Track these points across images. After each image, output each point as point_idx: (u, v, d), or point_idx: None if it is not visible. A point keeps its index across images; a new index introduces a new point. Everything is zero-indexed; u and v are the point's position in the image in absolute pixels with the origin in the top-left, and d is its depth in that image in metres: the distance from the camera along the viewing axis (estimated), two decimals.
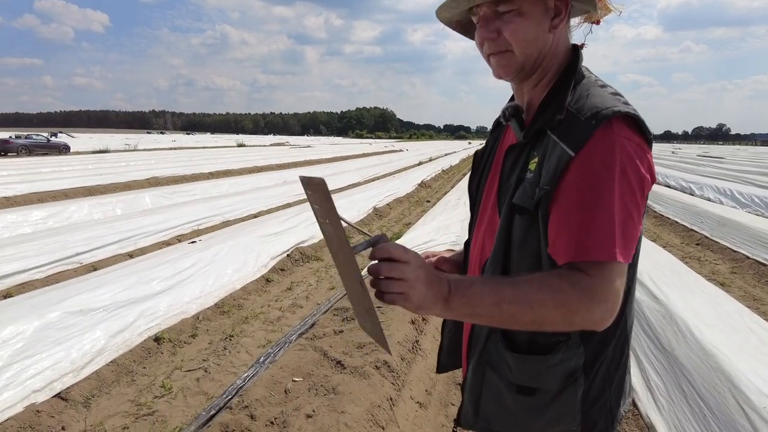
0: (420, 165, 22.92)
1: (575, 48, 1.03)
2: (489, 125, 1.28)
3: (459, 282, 0.82)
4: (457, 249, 1.31)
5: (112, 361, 3.36)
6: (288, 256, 6.20)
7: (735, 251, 6.60)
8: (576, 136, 0.86)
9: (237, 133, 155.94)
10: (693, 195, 12.13)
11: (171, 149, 33.63)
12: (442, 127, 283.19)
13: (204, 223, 8.06)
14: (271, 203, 10.24)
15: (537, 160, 0.93)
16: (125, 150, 30.44)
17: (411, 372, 3.19)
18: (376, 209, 9.82)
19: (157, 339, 3.78)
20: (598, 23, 1.05)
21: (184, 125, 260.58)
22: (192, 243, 5.94)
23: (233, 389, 2.85)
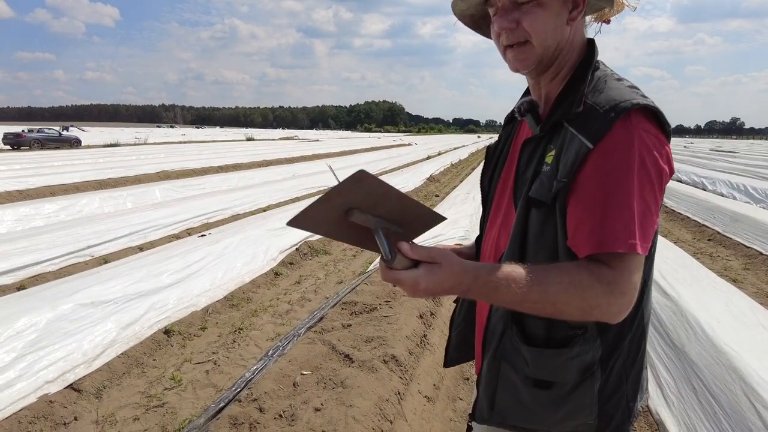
0: (429, 159, 22.86)
1: (591, 42, 1.02)
2: (499, 119, 1.29)
3: (483, 283, 0.83)
4: (466, 243, 1.30)
5: (123, 353, 3.40)
6: (297, 249, 6.22)
7: (748, 247, 6.51)
8: (595, 128, 0.86)
9: (246, 127, 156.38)
10: (705, 190, 11.99)
11: (181, 143, 33.85)
12: (451, 121, 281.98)
13: (213, 217, 8.11)
14: (280, 197, 10.27)
15: (554, 153, 0.93)
16: (135, 144, 30.66)
17: (419, 366, 3.19)
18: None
19: (167, 331, 3.82)
20: (608, 22, 1.05)
21: (193, 119, 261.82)
22: (202, 236, 5.98)
23: (242, 382, 2.87)
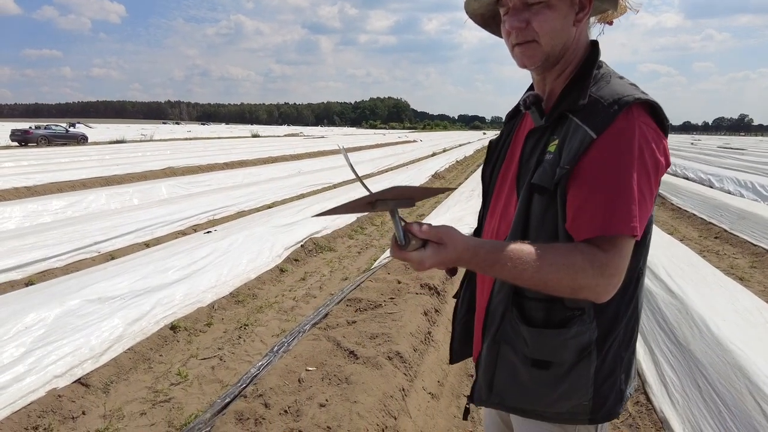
0: (434, 156, 22.82)
1: (594, 43, 1.09)
2: (504, 115, 1.30)
3: (481, 260, 0.90)
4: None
5: (129, 349, 3.43)
6: (302, 246, 6.24)
7: (755, 245, 6.47)
8: (598, 119, 0.92)
9: (251, 124, 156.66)
10: (712, 187, 11.90)
11: (186, 140, 33.95)
12: (456, 118, 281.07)
13: (219, 213, 8.15)
14: (285, 194, 10.30)
15: (557, 142, 0.98)
16: (141, 140, 30.79)
17: (423, 363, 3.20)
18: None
19: (174, 327, 3.85)
20: (611, 24, 1.11)
21: (199, 115, 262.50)
22: (207, 233, 6.01)
23: (248, 378, 2.89)
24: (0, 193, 9.22)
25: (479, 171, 1.42)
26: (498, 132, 1.35)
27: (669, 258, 4.65)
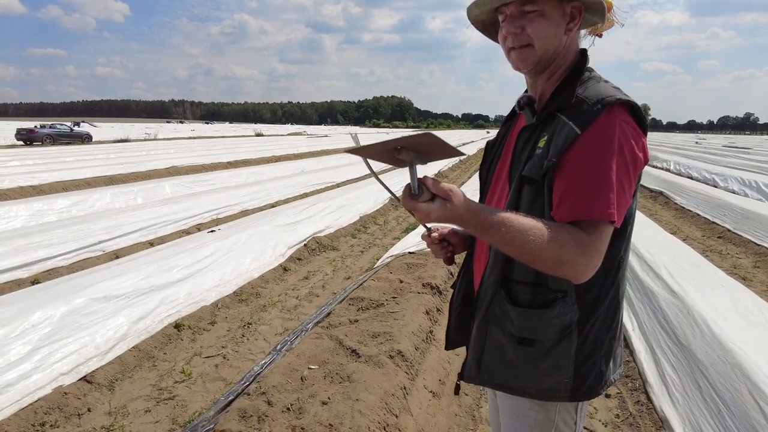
0: None
1: (583, 51, 1.19)
2: (507, 114, 1.37)
3: (479, 221, 0.96)
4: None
5: (134, 347, 3.47)
6: (305, 245, 6.27)
7: (759, 245, 6.46)
8: (583, 117, 1.02)
9: (255, 123, 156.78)
10: (716, 187, 11.87)
11: (190, 138, 34.06)
12: (460, 116, 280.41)
13: (223, 212, 8.19)
14: (289, 193, 10.34)
15: (546, 138, 1.08)
16: (145, 139, 30.90)
17: (425, 361, 3.23)
18: (392, 199, 9.84)
19: (178, 326, 3.89)
20: (600, 36, 1.21)
21: (203, 114, 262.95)
22: (211, 232, 6.05)
23: (251, 376, 2.92)
24: (6, 192, 9.30)
25: None
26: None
27: (671, 258, 4.65)
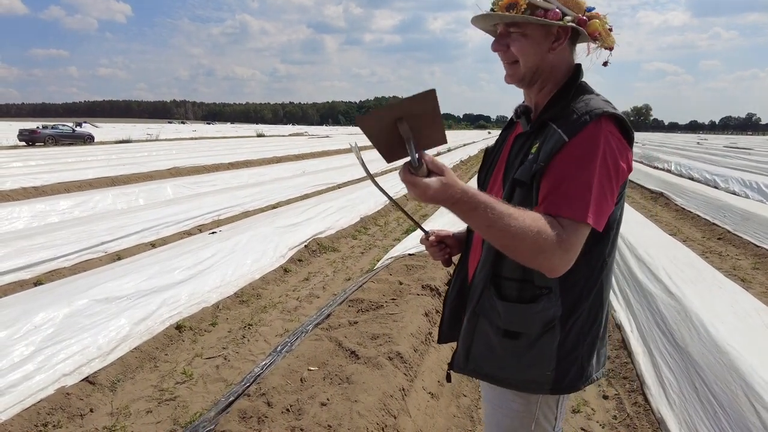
0: (438, 156, 22.82)
1: (578, 66, 1.25)
2: (509, 115, 1.45)
3: (468, 198, 0.99)
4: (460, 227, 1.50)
5: (136, 348, 3.50)
6: (305, 246, 6.30)
7: (758, 246, 6.47)
8: (572, 126, 1.09)
9: (256, 123, 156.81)
10: (717, 188, 11.87)
11: (192, 139, 34.13)
12: (461, 117, 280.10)
13: (224, 214, 8.22)
14: (290, 194, 10.37)
15: (538, 145, 1.15)
16: (147, 140, 30.99)
17: (423, 363, 3.25)
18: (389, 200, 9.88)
19: (179, 327, 3.92)
20: (611, 49, 1.23)
21: (204, 115, 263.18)
22: (212, 233, 6.08)
23: (251, 377, 2.95)
24: (8, 194, 9.34)
25: None
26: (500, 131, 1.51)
27: (670, 259, 4.67)
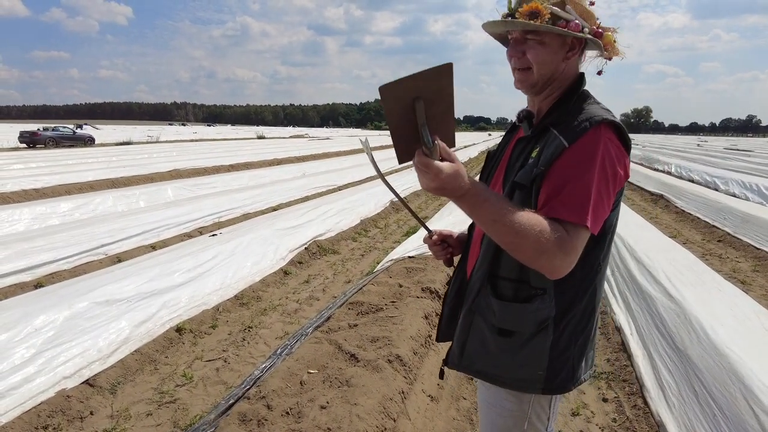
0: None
1: (581, 75, 1.29)
2: (510, 116, 1.49)
3: (477, 191, 1.02)
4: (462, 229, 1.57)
5: (136, 350, 3.50)
6: (306, 249, 6.30)
7: (758, 248, 6.47)
8: (572, 133, 1.11)
9: (257, 125, 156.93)
10: (717, 190, 11.87)
11: (192, 141, 34.16)
12: (462, 119, 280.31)
13: (224, 216, 8.23)
14: (290, 196, 10.38)
15: (538, 149, 1.18)
16: (148, 142, 31.00)
17: (423, 366, 3.26)
18: (393, 202, 9.87)
19: (179, 329, 3.92)
20: (610, 59, 1.28)
21: (205, 117, 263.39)
22: (213, 236, 6.09)
23: (251, 380, 2.95)
24: (9, 196, 9.36)
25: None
26: (501, 134, 1.53)
27: (669, 262, 4.67)
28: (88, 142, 26.87)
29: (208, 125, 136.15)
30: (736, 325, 3.19)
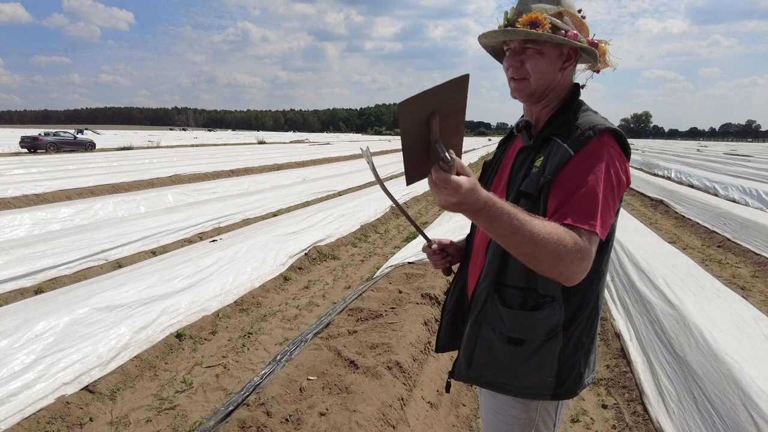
0: None
1: (576, 85, 1.32)
2: (509, 121, 1.49)
3: (493, 204, 0.98)
4: (461, 236, 1.58)
5: (136, 357, 3.51)
6: (306, 254, 6.31)
7: (758, 254, 6.48)
8: (576, 141, 1.15)
9: (258, 130, 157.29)
10: (717, 195, 11.89)
11: (193, 146, 34.21)
12: None
13: (225, 221, 8.24)
14: (291, 201, 10.39)
15: (542, 158, 1.20)
16: (148, 147, 31.06)
17: (423, 373, 3.25)
18: (392, 207, 9.88)
19: (179, 335, 3.93)
20: (598, 72, 1.33)
21: (205, 122, 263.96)
22: (213, 241, 6.09)
23: (251, 386, 2.95)
24: (10, 201, 9.38)
25: None
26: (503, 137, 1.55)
27: (669, 268, 4.68)
28: (89, 147, 26.94)
29: (208, 130, 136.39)
30: (735, 332, 3.20)
